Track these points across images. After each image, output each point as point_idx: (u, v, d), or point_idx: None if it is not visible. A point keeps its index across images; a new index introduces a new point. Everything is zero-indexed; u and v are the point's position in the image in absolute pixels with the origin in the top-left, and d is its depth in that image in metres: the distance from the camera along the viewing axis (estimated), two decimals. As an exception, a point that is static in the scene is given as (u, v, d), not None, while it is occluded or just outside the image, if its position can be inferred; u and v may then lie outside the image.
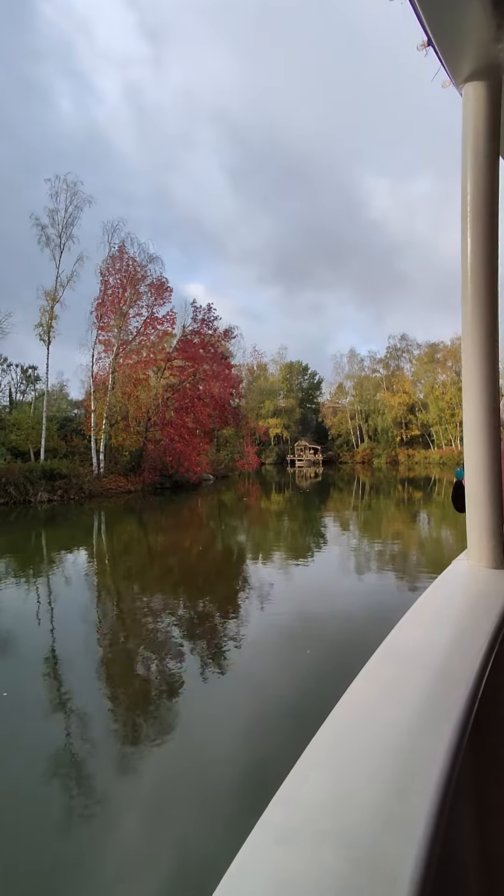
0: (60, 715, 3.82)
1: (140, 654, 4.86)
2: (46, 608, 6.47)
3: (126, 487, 22.00)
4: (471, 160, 1.16)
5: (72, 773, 3.09)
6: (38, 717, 3.76)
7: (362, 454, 57.02)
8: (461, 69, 1.14)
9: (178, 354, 24.02)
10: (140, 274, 23.93)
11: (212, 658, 4.67)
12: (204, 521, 16.24)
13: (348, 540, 12.26)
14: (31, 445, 21.83)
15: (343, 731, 0.56)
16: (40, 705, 3.94)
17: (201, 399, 23.58)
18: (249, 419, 42.01)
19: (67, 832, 2.62)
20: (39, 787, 2.95)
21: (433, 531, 13.84)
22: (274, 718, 3.56)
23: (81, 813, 2.73)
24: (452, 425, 52.32)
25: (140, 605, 6.53)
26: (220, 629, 5.46)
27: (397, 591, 7.00)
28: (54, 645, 5.18)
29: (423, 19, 0.99)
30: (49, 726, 3.62)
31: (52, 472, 19.61)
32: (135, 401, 22.74)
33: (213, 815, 2.71)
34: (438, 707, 0.58)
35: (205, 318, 24.36)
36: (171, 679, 4.36)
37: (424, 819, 0.41)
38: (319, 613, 5.90)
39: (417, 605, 0.94)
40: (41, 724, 3.66)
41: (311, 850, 0.39)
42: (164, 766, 3.14)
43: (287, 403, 60.79)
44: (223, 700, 3.99)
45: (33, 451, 21.60)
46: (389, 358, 59.01)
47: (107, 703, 4.06)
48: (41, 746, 3.34)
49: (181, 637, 5.31)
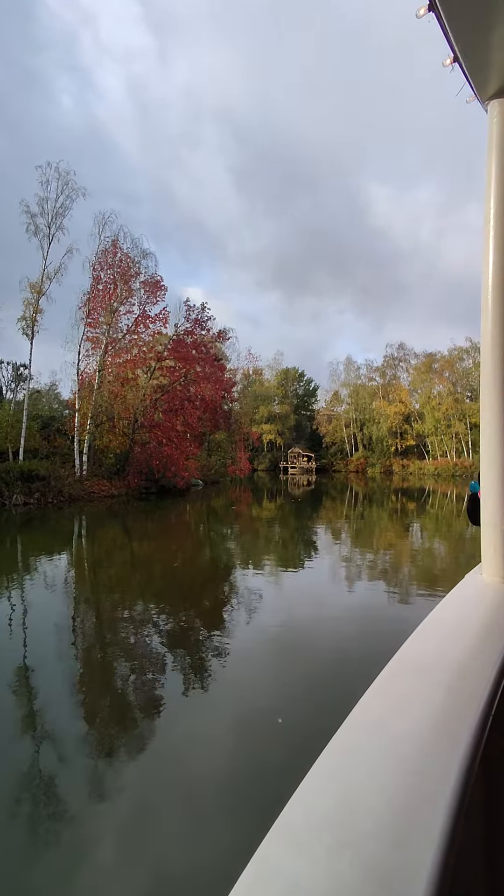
0: (28, 731, 3.56)
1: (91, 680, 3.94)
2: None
3: (109, 491, 20.97)
4: (495, 175, 1.17)
5: (38, 796, 2.85)
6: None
7: (356, 463, 56.34)
8: (487, 86, 1.15)
9: (170, 354, 23.11)
10: (133, 270, 23.07)
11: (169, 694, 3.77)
12: (189, 529, 15.27)
13: (339, 551, 11.61)
14: (10, 445, 20.75)
15: (355, 743, 0.56)
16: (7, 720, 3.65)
17: (192, 401, 22.65)
18: (243, 424, 41.20)
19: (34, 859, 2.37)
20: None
21: (427, 543, 13.26)
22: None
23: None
24: (448, 436, 51.82)
25: (108, 621, 5.60)
26: (185, 659, 4.55)
27: (391, 612, 6.34)
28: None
29: (451, 36, 1.00)
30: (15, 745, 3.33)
31: (30, 473, 18.56)
32: (121, 401, 21.75)
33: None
34: (451, 724, 0.58)
35: (198, 318, 23.51)
36: (140, 700, 3.92)
37: (436, 835, 0.41)
38: (302, 643, 5.03)
39: (430, 618, 0.93)
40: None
41: (326, 859, 0.39)
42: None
43: (282, 409, 60.09)
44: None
45: (12, 450, 20.51)
46: (386, 367, 58.61)
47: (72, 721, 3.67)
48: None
49: (148, 656, 4.40)
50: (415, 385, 56.45)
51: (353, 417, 58.53)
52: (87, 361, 22.29)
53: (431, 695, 0.65)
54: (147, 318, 23.40)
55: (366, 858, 0.39)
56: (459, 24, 0.98)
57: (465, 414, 50.20)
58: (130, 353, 23.02)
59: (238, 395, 52.98)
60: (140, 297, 23.05)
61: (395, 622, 5.97)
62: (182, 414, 22.64)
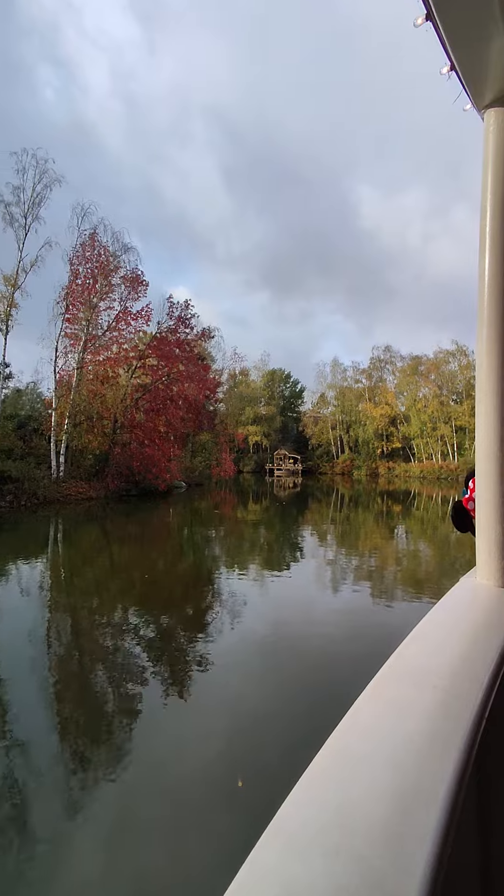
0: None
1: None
2: None
3: (87, 494, 20.14)
4: (491, 183, 1.18)
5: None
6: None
7: (342, 465, 56.15)
8: (483, 95, 1.16)
9: (152, 352, 22.38)
10: (113, 264, 22.29)
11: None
12: (168, 534, 14.59)
13: (324, 553, 11.26)
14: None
15: (349, 746, 0.56)
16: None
17: (174, 401, 21.94)
18: (228, 425, 40.58)
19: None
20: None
21: (411, 546, 13.11)
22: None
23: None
24: (433, 439, 51.95)
25: (72, 630, 4.96)
26: (152, 675, 3.95)
27: (379, 619, 6.03)
28: None
29: (448, 46, 1.02)
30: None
31: (2, 474, 17.66)
32: (100, 399, 20.94)
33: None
34: (445, 726, 0.58)
35: (181, 316, 22.81)
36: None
37: (429, 838, 0.41)
38: (276, 653, 4.47)
39: (425, 622, 0.93)
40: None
41: (319, 862, 0.39)
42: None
43: (268, 411, 59.58)
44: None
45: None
46: (373, 369, 58.60)
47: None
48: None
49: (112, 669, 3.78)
50: (401, 387, 56.54)
51: (339, 419, 58.35)
52: (65, 359, 21.45)
53: (425, 698, 0.65)
54: (128, 314, 22.65)
55: (359, 861, 0.39)
56: (456, 35, 0.99)
57: (451, 417, 50.38)
58: (111, 350, 22.23)
59: (224, 396, 52.42)
60: (121, 292, 22.30)
61: (385, 628, 5.61)
62: (164, 414, 21.92)
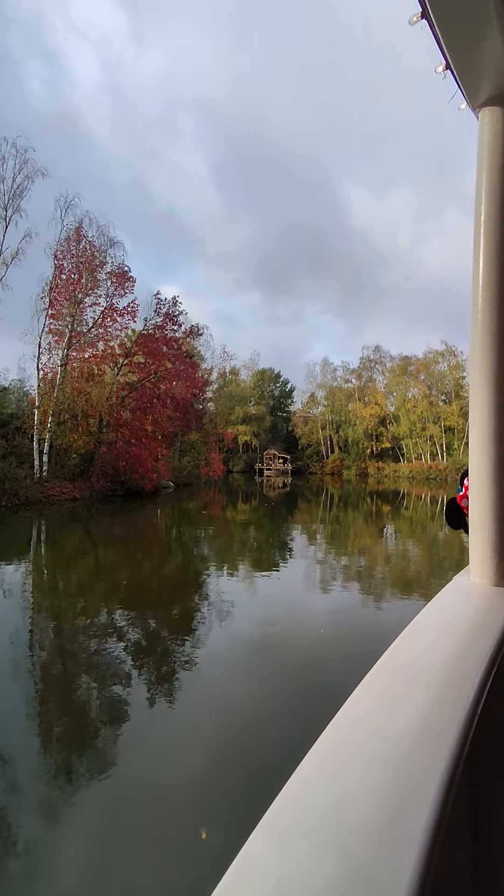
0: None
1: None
2: None
3: (71, 494, 19.63)
4: (486, 182, 1.18)
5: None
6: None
7: (332, 465, 56.09)
8: (478, 94, 1.16)
9: (139, 349, 21.92)
10: (99, 259, 21.80)
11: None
12: (155, 534, 14.19)
13: (314, 553, 11.02)
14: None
15: (342, 742, 0.56)
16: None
17: (161, 400, 21.50)
18: (218, 424, 40.17)
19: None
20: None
21: (400, 546, 12.96)
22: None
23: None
24: (423, 439, 52.13)
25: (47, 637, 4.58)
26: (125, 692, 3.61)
27: (365, 619, 5.87)
28: None
29: (443, 45, 1.02)
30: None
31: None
32: (84, 397, 20.42)
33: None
34: (437, 724, 0.59)
35: (169, 313, 22.39)
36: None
37: (421, 835, 0.41)
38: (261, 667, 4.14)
39: (418, 620, 0.94)
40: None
41: (310, 857, 0.39)
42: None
43: (258, 411, 59.29)
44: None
45: (-36, 449, 18.94)
46: (362, 369, 58.63)
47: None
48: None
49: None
50: (390, 388, 56.66)
51: (329, 419, 58.29)
52: (49, 355, 20.89)
53: (418, 694, 0.65)
54: (115, 311, 22.17)
55: (351, 857, 0.39)
56: (451, 34, 0.99)
57: (440, 417, 50.59)
58: (96, 347, 21.73)
59: (213, 395, 51.98)
60: (107, 288, 21.81)
61: (375, 629, 5.43)
62: (151, 413, 21.46)
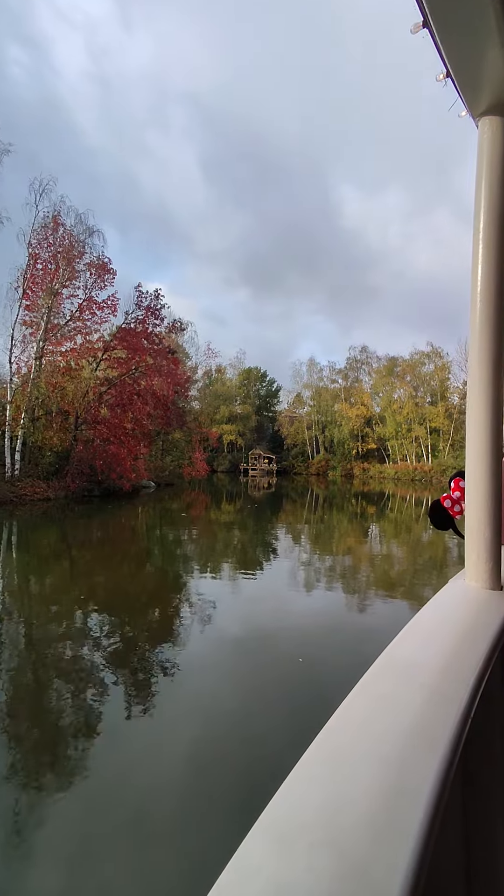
0: None
1: None
2: None
3: (45, 494, 18.73)
4: (485, 190, 1.19)
5: None
6: None
7: (317, 466, 55.79)
8: (478, 103, 1.17)
9: (118, 344, 21.10)
10: (77, 250, 20.92)
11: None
12: (131, 537, 13.46)
13: (299, 555, 10.39)
14: None
15: (338, 742, 0.56)
16: None
17: (141, 396, 20.70)
18: (202, 423, 39.45)
19: None
20: None
21: (388, 549, 12.44)
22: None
23: None
24: (408, 440, 52.12)
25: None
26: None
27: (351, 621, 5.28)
28: None
29: (443, 53, 1.03)
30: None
31: None
32: (59, 393, 19.53)
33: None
34: (431, 725, 0.60)
35: (151, 306, 21.61)
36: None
37: (414, 834, 0.42)
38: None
39: (414, 621, 0.95)
40: None
41: (305, 858, 0.40)
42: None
43: (243, 410, 58.70)
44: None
45: None
46: (349, 369, 58.46)
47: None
48: None
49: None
50: (376, 388, 56.60)
51: (315, 419, 57.98)
52: (23, 348, 19.93)
53: (414, 696, 0.66)
54: (94, 303, 21.31)
55: (346, 857, 0.39)
56: (452, 43, 1.01)
57: (426, 418, 50.64)
58: (74, 341, 20.84)
59: (198, 394, 51.19)
60: (85, 279, 20.94)
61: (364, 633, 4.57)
62: (130, 410, 20.65)
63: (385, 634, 5.32)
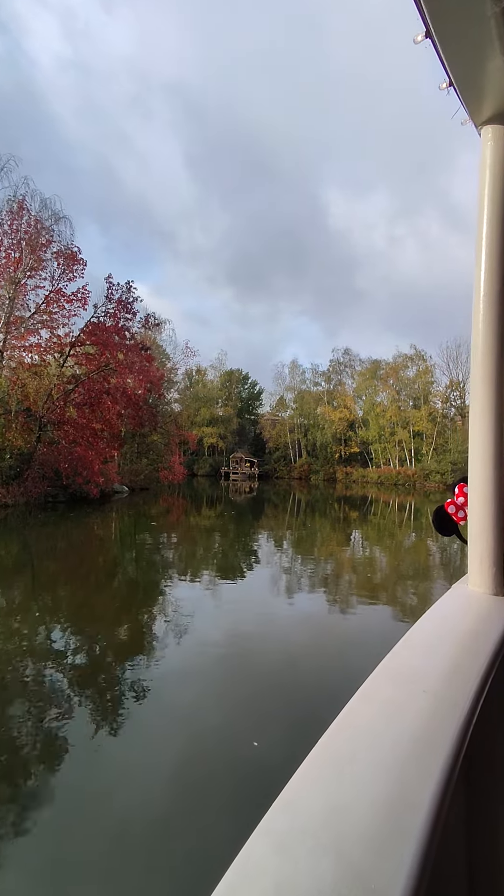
0: None
1: None
2: None
3: (3, 500, 17.19)
4: (487, 197, 1.19)
5: None
6: None
7: (300, 470, 54.92)
8: (481, 112, 1.17)
9: (87, 338, 19.69)
10: (45, 237, 19.47)
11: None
12: (90, 550, 12.10)
13: (280, 559, 9.01)
14: None
15: (340, 748, 0.56)
16: None
17: (111, 394, 19.31)
18: (181, 424, 38.08)
19: None
20: None
21: (371, 554, 11.66)
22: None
23: None
24: (391, 444, 51.64)
25: None
26: None
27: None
28: None
29: (446, 63, 1.04)
30: None
31: None
32: (21, 390, 18.01)
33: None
34: (434, 731, 0.59)
35: (122, 299, 20.28)
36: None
37: (417, 840, 0.42)
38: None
39: (416, 628, 0.94)
40: None
41: (308, 861, 0.40)
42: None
43: (225, 412, 57.49)
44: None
45: None
46: (332, 372, 57.86)
47: None
48: None
49: None
50: (359, 391, 56.10)
51: (297, 423, 57.14)
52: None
53: (416, 702, 0.66)
54: (62, 295, 19.85)
55: (347, 861, 0.39)
56: (454, 53, 1.02)
57: (409, 422, 50.23)
58: (39, 335, 19.36)
59: (179, 396, 49.77)
60: (52, 270, 19.48)
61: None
62: (99, 409, 19.23)
63: (369, 645, 4.06)
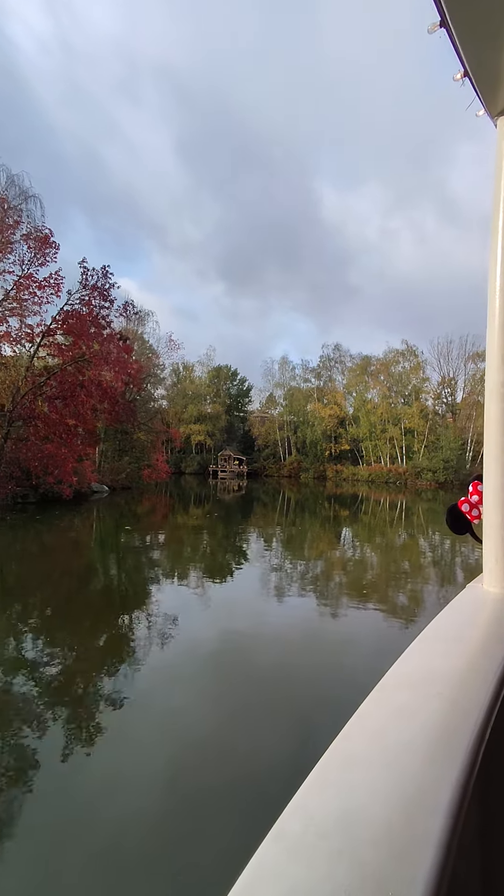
0: None
1: None
2: None
3: (-34, 501, 15.83)
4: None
5: None
6: None
7: (289, 467, 53.91)
8: (497, 103, 1.16)
9: (60, 327, 18.33)
10: (12, 219, 18.05)
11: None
12: (60, 559, 10.83)
13: (270, 561, 7.85)
14: None
15: (354, 751, 0.55)
16: None
17: (85, 388, 18.00)
18: (168, 421, 36.79)
19: None
20: None
21: (360, 552, 10.92)
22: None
23: None
24: (382, 441, 50.81)
25: None
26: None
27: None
28: None
29: (461, 53, 1.03)
30: None
31: None
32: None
33: None
34: (449, 734, 0.58)
35: (97, 285, 18.93)
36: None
37: (433, 844, 0.42)
38: None
39: (430, 628, 0.92)
40: None
41: (323, 866, 0.39)
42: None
43: (213, 409, 56.20)
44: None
45: None
46: (322, 368, 56.90)
47: None
48: None
49: None
50: (350, 387, 55.19)
51: (287, 420, 56.08)
52: None
53: (430, 704, 0.64)
54: (33, 281, 18.43)
55: (363, 865, 0.39)
56: (470, 43, 1.00)
57: (400, 418, 49.43)
58: (7, 323, 17.94)
59: (166, 392, 48.38)
60: (21, 253, 18.06)
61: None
62: (73, 403, 17.90)
63: (362, 647, 4.80)
